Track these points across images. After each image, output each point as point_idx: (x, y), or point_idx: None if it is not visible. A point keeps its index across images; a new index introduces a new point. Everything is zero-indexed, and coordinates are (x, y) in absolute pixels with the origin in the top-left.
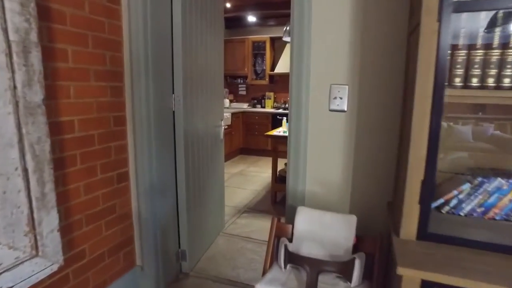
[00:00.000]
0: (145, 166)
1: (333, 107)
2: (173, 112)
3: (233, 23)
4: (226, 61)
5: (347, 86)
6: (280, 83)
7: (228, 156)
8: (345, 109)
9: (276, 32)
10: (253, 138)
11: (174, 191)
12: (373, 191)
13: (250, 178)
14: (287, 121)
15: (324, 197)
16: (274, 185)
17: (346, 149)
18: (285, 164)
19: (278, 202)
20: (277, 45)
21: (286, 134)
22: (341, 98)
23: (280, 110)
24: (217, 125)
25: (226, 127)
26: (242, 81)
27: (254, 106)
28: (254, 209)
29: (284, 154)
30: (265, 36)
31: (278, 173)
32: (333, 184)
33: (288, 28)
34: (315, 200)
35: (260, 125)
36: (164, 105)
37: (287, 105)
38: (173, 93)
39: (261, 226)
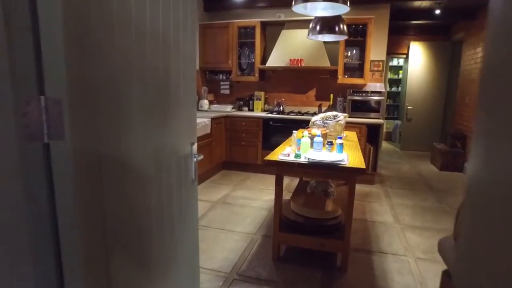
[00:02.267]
0: None
1: None
2: (47, 144)
3: (214, 3)
4: (204, 52)
5: None
6: (273, 80)
7: (207, 174)
8: None
9: (268, 15)
10: (238, 149)
11: None
12: None
13: (238, 210)
14: (297, 136)
15: None
16: (277, 235)
17: None
18: (291, 199)
19: (282, 258)
20: (270, 31)
21: (299, 159)
22: None
23: (274, 115)
24: (182, 155)
25: (202, 147)
26: (225, 77)
27: (240, 109)
28: (248, 275)
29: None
30: (254, 20)
31: (282, 213)
32: None
33: None
34: None
35: (248, 133)
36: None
37: (281, 107)
38: (41, 94)
39: None
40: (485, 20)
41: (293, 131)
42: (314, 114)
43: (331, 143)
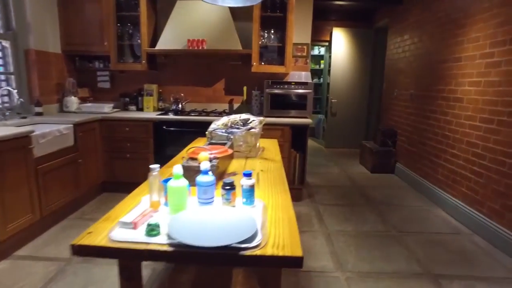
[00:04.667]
0: None
1: None
2: None
3: None
4: (68, 28)
5: None
6: (169, 68)
7: (73, 206)
8: None
9: None
10: (122, 164)
11: None
12: None
13: (102, 274)
14: (164, 172)
15: None
16: None
17: None
18: None
19: None
20: (161, 3)
21: (155, 237)
22: None
23: (169, 116)
24: None
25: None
26: (102, 65)
27: (125, 108)
28: None
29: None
30: None
31: None
32: None
33: None
34: None
35: (134, 142)
36: None
37: (180, 105)
38: None
39: None
40: (411, 5)
41: (151, 166)
42: (224, 113)
43: (231, 187)
